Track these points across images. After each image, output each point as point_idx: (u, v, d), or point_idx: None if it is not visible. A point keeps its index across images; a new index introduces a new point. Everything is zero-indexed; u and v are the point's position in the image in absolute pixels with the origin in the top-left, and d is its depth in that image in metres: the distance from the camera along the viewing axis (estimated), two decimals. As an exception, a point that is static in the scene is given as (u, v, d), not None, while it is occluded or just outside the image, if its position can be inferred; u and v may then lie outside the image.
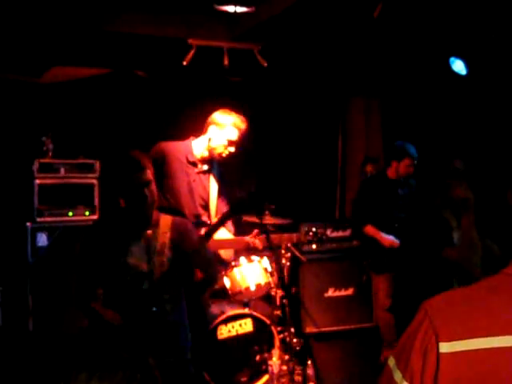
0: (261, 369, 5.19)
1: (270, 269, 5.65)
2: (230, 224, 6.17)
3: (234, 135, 4.50)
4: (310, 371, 5.33)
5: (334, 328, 6.64)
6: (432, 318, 1.25)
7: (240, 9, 5.16)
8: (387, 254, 5.65)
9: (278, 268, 5.66)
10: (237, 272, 5.45)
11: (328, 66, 6.71)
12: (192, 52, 5.76)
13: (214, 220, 4.57)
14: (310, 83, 7.32)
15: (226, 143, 4.49)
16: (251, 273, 5.46)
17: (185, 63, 5.79)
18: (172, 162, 4.50)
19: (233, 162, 4.76)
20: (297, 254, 5.92)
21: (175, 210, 4.39)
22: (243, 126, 4.53)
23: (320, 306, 6.68)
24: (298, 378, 5.29)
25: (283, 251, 5.61)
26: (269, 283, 5.61)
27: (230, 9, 5.17)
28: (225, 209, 4.68)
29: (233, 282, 5.42)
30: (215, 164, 4.69)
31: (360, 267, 6.18)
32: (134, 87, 6.70)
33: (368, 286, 5.98)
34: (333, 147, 8.14)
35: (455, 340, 1.18)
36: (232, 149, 4.50)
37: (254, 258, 5.58)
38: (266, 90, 7.39)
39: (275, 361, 5.12)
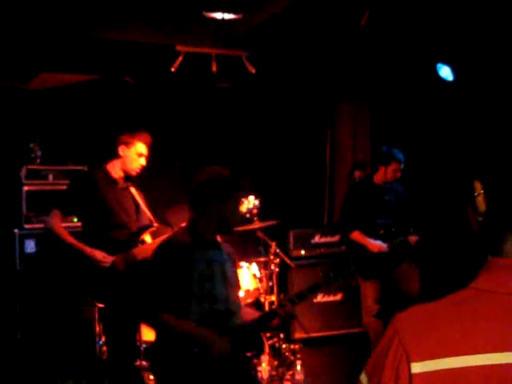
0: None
1: (258, 275, 5.67)
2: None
3: (143, 149, 4.65)
4: (298, 377, 5.34)
5: (323, 333, 6.66)
6: (401, 335, 1.22)
7: (228, 16, 5.17)
8: (374, 260, 5.66)
9: (267, 274, 5.68)
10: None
11: (316, 72, 6.73)
12: (180, 58, 5.77)
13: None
14: (298, 89, 7.34)
15: (137, 158, 4.62)
16: (240, 279, 5.47)
17: (173, 70, 5.79)
18: (102, 186, 4.58)
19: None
20: (286, 259, 5.94)
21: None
22: (148, 138, 4.73)
23: (309, 312, 6.69)
24: (287, 384, 5.31)
25: (272, 257, 5.63)
26: (258, 289, 5.63)
27: (218, 16, 5.18)
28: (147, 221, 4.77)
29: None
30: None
31: (349, 272, 6.19)
32: (122, 93, 6.70)
33: (357, 292, 5.99)
34: (321, 153, 8.16)
35: (427, 360, 1.16)
36: (143, 161, 4.66)
37: (242, 264, 5.60)
38: (254, 96, 7.41)
39: (264, 366, 5.13)
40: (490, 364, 1.11)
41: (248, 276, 5.57)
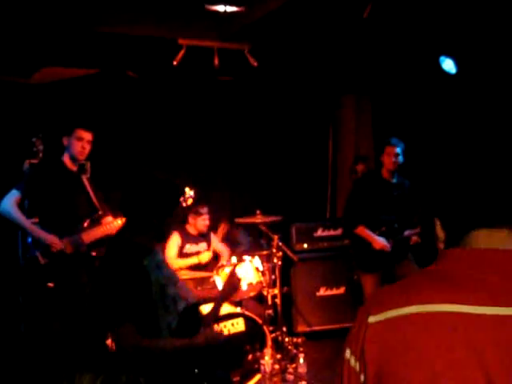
0: (253, 368, 5.20)
1: (261, 268, 5.67)
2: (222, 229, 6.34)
3: (83, 133, 4.89)
4: (301, 370, 5.34)
5: (326, 327, 6.67)
6: (368, 302, 1.43)
7: (230, 8, 5.16)
8: (375, 254, 5.64)
9: (270, 267, 5.68)
10: (228, 271, 5.46)
11: (319, 65, 6.72)
12: (182, 52, 5.76)
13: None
14: (301, 82, 7.33)
15: (78, 143, 4.87)
16: (243, 272, 5.48)
17: (175, 63, 5.79)
18: (55, 174, 4.90)
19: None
20: (288, 253, 5.93)
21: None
22: (87, 125, 4.95)
23: (312, 305, 6.70)
24: (289, 377, 5.31)
25: (275, 250, 5.63)
26: (260, 282, 5.63)
27: (221, 8, 5.17)
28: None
29: (224, 279, 5.43)
30: None
31: (351, 266, 6.19)
32: (125, 87, 6.69)
33: (360, 285, 5.98)
34: (323, 146, 8.16)
35: (382, 312, 1.34)
36: (86, 145, 4.89)
37: (245, 257, 5.60)
38: (256, 90, 7.40)
39: (267, 360, 5.13)
40: (432, 311, 1.27)
41: (251, 269, 5.57)
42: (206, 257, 6.06)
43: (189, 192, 4.70)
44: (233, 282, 3.66)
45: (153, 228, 3.20)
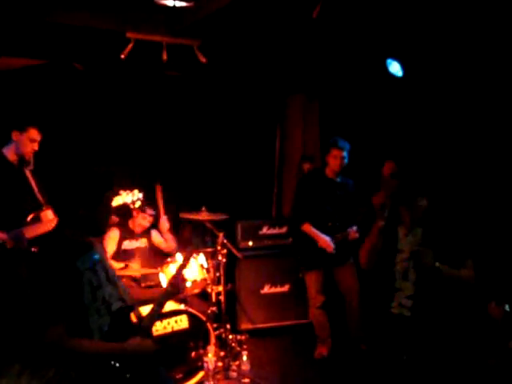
0: (196, 365, 5.19)
1: (206, 265, 5.66)
2: (165, 220, 6.17)
3: (35, 135, 4.88)
4: (244, 367, 5.35)
5: (270, 324, 6.69)
6: None
7: (179, 3, 5.12)
8: (318, 251, 5.70)
9: (215, 264, 5.67)
10: (173, 268, 5.43)
11: (267, 63, 6.73)
12: (130, 46, 5.69)
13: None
14: (249, 81, 7.33)
15: (29, 143, 4.86)
16: (187, 269, 5.45)
17: (122, 57, 5.71)
18: None
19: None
20: (233, 250, 5.94)
21: None
22: (40, 125, 4.95)
23: (256, 303, 6.72)
24: (233, 374, 5.32)
25: (219, 247, 5.62)
26: (205, 280, 5.61)
27: (169, 3, 5.13)
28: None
29: (168, 277, 5.39)
30: None
31: (296, 264, 6.23)
32: (71, 79, 6.58)
33: (303, 283, 6.03)
34: (271, 144, 8.18)
35: None
36: (36, 147, 4.89)
37: (190, 254, 5.57)
38: (204, 86, 7.37)
39: (211, 357, 5.12)
40: None
41: (195, 266, 5.55)
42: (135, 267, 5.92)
43: (137, 194, 4.64)
44: (176, 283, 3.62)
45: (83, 220, 3.15)
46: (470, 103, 5.69)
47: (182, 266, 3.79)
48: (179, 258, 5.51)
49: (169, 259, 5.64)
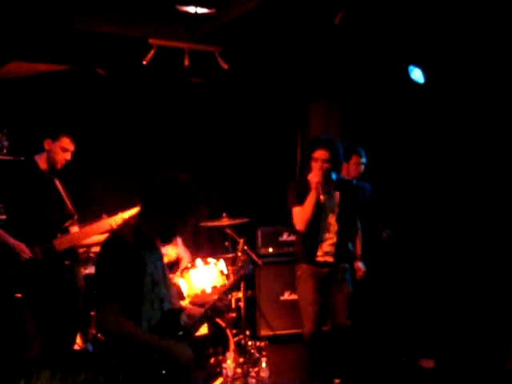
0: (215, 371, 5.19)
1: (226, 271, 5.66)
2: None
3: (68, 144, 4.75)
4: (263, 374, 5.34)
5: (289, 331, 6.67)
6: None
7: (201, 10, 5.14)
8: None
9: (235, 270, 5.67)
10: (193, 274, 5.44)
11: (289, 69, 6.73)
12: (152, 52, 5.73)
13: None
14: (271, 86, 7.34)
15: (61, 152, 4.73)
16: (207, 275, 5.47)
17: (145, 63, 5.75)
18: (27, 176, 4.72)
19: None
20: (253, 257, 5.93)
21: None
22: (72, 135, 4.79)
23: (276, 309, 6.71)
24: (252, 381, 5.31)
25: (240, 254, 5.62)
26: (225, 285, 5.61)
27: (191, 10, 5.15)
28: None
29: (189, 284, 5.41)
30: None
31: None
32: (94, 85, 6.63)
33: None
34: (292, 150, 8.17)
35: None
36: (68, 156, 4.76)
37: (210, 260, 5.59)
38: (226, 93, 7.39)
39: (230, 363, 5.12)
40: None
41: (215, 272, 5.56)
42: (172, 254, 5.95)
43: None
44: (220, 307, 3.63)
45: (161, 223, 3.21)
46: (490, 110, 5.65)
47: (227, 289, 3.93)
48: (199, 263, 5.51)
49: (188, 265, 5.66)
